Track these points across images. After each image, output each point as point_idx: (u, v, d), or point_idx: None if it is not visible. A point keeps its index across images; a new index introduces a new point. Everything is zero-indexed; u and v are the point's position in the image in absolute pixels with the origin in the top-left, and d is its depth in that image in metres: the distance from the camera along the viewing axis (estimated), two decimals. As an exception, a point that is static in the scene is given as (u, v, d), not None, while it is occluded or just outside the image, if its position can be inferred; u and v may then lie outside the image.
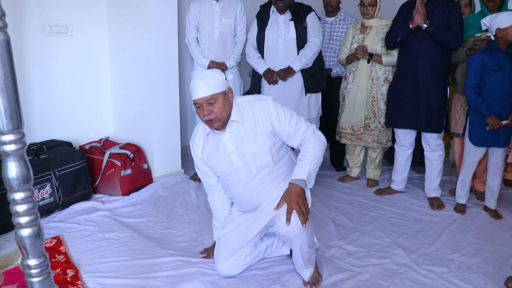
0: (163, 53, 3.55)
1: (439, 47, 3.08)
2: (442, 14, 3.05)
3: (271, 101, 2.17)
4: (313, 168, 2.08)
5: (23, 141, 0.91)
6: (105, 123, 3.95)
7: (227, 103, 2.09)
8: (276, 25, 3.45)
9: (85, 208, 3.15)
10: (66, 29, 3.59)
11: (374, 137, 3.59)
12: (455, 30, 3.04)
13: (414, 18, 3.06)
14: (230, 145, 2.16)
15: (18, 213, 0.93)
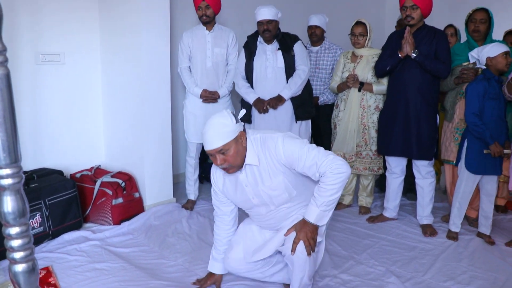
0: (156, 81, 3.57)
1: (428, 76, 3.14)
2: (430, 44, 3.12)
3: (281, 141, 2.07)
4: (324, 208, 2.03)
5: (20, 175, 0.90)
6: (96, 152, 3.94)
7: (240, 148, 2.07)
8: (264, 55, 3.49)
9: (76, 237, 3.10)
10: (59, 58, 3.61)
11: (365, 165, 3.61)
12: (443, 59, 3.10)
13: (403, 47, 3.12)
14: (246, 187, 2.17)
15: (13, 248, 0.92)
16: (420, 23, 3.16)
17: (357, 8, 6.40)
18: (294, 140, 2.10)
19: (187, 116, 3.69)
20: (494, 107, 2.90)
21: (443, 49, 3.12)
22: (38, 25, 3.43)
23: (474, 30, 3.22)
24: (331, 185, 2.01)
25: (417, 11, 3.08)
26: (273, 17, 3.35)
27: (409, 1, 3.06)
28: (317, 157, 2.02)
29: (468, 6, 3.66)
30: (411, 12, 3.08)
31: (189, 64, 3.64)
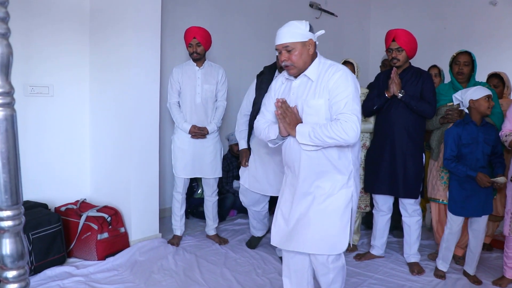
0: (144, 116, 3.58)
1: (414, 115, 3.20)
2: (416, 84, 3.20)
3: (342, 73, 2.15)
4: (312, 135, 2.10)
5: (20, 217, 0.89)
6: (82, 185, 3.89)
7: (305, 53, 2.18)
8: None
9: (59, 273, 3.02)
10: (48, 90, 3.60)
11: (367, 202, 3.65)
12: (429, 99, 3.18)
13: (390, 87, 3.19)
14: (293, 94, 2.27)
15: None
16: (406, 64, 3.25)
17: (342, 48, 6.57)
18: (350, 85, 2.14)
19: (175, 151, 3.69)
20: (470, 152, 2.96)
21: (429, 89, 3.20)
22: (28, 57, 3.43)
23: (458, 72, 3.33)
24: (332, 133, 2.06)
25: (402, 53, 3.17)
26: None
27: (395, 44, 3.16)
28: (347, 105, 2.09)
29: (450, 47, 3.80)
30: (396, 54, 3.18)
31: (178, 100, 3.67)
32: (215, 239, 3.82)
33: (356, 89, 2.16)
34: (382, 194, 3.36)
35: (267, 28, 5.23)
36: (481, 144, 2.94)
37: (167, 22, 4.29)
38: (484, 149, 2.94)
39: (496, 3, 5.81)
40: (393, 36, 3.17)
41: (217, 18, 4.86)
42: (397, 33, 3.16)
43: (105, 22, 3.66)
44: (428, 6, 6.43)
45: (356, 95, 2.14)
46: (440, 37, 6.16)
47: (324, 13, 6.37)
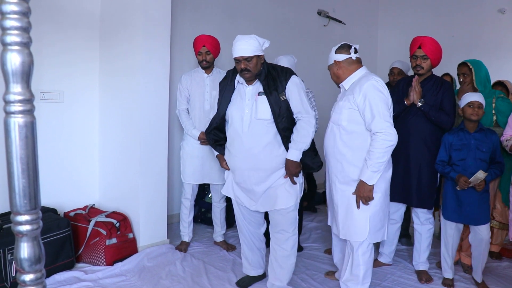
0: (153, 123, 3.61)
1: (431, 125, 3.17)
2: (436, 94, 3.16)
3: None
4: (373, 169, 2.54)
5: (38, 222, 0.91)
6: (91, 191, 3.91)
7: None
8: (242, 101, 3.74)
9: (67, 278, 3.05)
10: (58, 96, 3.64)
11: None
12: (448, 111, 3.13)
13: (410, 95, 3.15)
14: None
15: (27, 295, 0.91)
16: (429, 73, 3.22)
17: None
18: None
19: (184, 157, 3.71)
20: (461, 157, 2.98)
21: (449, 100, 3.15)
22: (39, 63, 3.47)
23: (462, 82, 3.37)
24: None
25: (427, 62, 3.14)
26: (253, 53, 2.57)
27: (420, 51, 3.13)
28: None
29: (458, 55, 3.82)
30: (421, 62, 3.14)
31: (187, 106, 3.69)
32: (223, 246, 3.82)
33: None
34: (395, 201, 3.31)
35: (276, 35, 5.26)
36: (473, 150, 2.95)
37: (176, 28, 4.32)
38: (477, 155, 2.94)
39: (505, 11, 5.81)
40: (419, 43, 3.13)
41: (225, 24, 4.89)
42: (423, 40, 3.13)
43: (115, 28, 3.70)
44: (436, 13, 6.44)
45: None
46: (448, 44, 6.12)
47: (332, 21, 6.39)
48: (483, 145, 2.93)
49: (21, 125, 0.86)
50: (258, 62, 2.59)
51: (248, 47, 2.53)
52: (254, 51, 2.54)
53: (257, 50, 2.55)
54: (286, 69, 2.71)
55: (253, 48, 2.54)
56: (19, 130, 0.86)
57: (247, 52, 2.53)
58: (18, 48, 0.84)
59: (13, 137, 0.86)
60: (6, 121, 0.86)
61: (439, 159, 3.09)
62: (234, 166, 2.81)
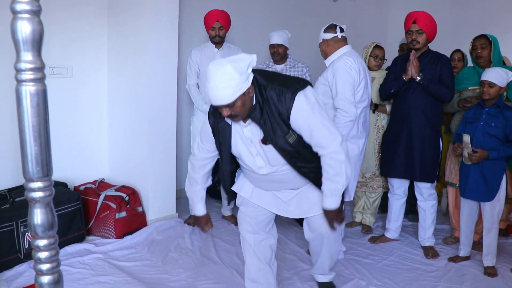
0: (162, 98, 3.61)
1: (431, 99, 3.19)
2: (434, 68, 3.18)
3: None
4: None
5: (51, 188, 0.93)
6: (101, 165, 3.96)
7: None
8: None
9: (79, 250, 3.11)
10: (67, 71, 3.64)
11: (379, 183, 3.68)
12: (447, 83, 3.15)
13: (408, 70, 3.17)
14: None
15: (40, 260, 0.93)
16: (425, 47, 3.22)
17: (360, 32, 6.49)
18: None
19: (194, 133, 3.72)
20: (471, 130, 2.97)
21: (447, 74, 3.18)
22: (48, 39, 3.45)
23: (477, 56, 3.29)
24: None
25: (422, 36, 3.14)
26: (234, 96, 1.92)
27: (415, 26, 3.13)
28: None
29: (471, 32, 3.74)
30: (416, 37, 3.14)
31: (197, 81, 3.69)
32: (231, 220, 3.86)
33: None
34: (398, 177, 3.36)
35: (285, 11, 5.21)
36: (483, 124, 2.94)
37: (184, 3, 4.28)
38: (485, 129, 2.92)
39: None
40: (413, 18, 3.14)
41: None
42: (418, 15, 3.13)
43: (123, 5, 3.67)
44: (449, -12, 6.31)
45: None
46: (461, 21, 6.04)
47: (342, -4, 6.29)
48: (493, 120, 2.91)
49: (33, 93, 0.87)
50: (246, 100, 1.90)
51: (225, 93, 1.83)
52: (234, 93, 1.83)
53: (238, 89, 1.83)
54: (284, 89, 1.97)
55: (232, 91, 1.82)
56: (31, 98, 0.87)
57: (226, 99, 1.83)
58: (28, 16, 0.85)
59: (25, 105, 0.87)
60: (18, 90, 0.87)
61: (456, 133, 3.13)
62: (255, 187, 2.35)
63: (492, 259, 3.03)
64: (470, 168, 2.97)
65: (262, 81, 1.97)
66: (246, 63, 1.86)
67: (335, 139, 1.99)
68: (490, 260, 3.02)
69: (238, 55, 1.92)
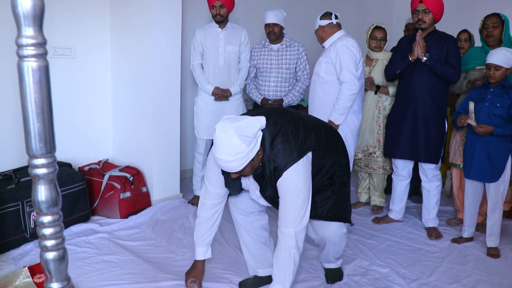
0: (166, 78, 3.60)
1: (437, 79, 3.16)
2: (440, 49, 3.14)
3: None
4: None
5: (54, 165, 0.92)
6: (105, 146, 3.96)
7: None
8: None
9: (84, 230, 3.13)
10: (70, 51, 3.62)
11: (379, 164, 3.67)
12: (454, 63, 3.12)
13: (414, 50, 3.14)
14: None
15: (45, 236, 0.94)
16: (431, 27, 3.18)
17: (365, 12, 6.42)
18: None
19: (198, 113, 3.71)
20: (477, 111, 2.94)
21: (454, 54, 3.14)
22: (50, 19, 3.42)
23: (487, 35, 3.25)
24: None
25: (429, 15, 3.10)
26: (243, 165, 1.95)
27: (422, 5, 3.08)
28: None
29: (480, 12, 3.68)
30: (423, 16, 3.10)
31: (201, 62, 3.66)
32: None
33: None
34: (403, 158, 3.35)
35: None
36: (488, 104, 2.91)
37: (188, -17, 4.24)
38: (491, 109, 2.89)
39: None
40: None
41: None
42: None
43: (126, -17, 3.63)
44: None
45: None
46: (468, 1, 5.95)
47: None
48: (498, 100, 2.88)
49: (35, 69, 0.87)
50: (255, 163, 1.96)
51: (233, 165, 1.87)
52: (242, 164, 1.87)
53: (246, 159, 1.87)
54: (277, 166, 1.97)
55: (240, 163, 1.86)
56: (33, 74, 0.86)
57: (234, 169, 1.90)
58: (29, -10, 0.83)
59: (27, 81, 0.87)
60: (20, 65, 0.86)
61: (456, 111, 3.12)
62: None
63: (496, 240, 3.03)
64: (475, 149, 2.96)
65: (265, 144, 1.97)
66: (254, 130, 1.87)
67: (294, 227, 2.01)
68: (493, 241, 3.03)
69: (246, 120, 1.88)
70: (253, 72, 3.75)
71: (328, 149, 2.19)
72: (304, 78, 3.69)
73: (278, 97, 3.68)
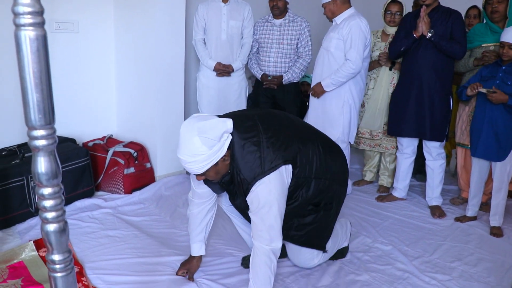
0: (169, 53, 3.56)
1: (442, 56, 3.11)
2: (445, 24, 3.08)
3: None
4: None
5: (54, 136, 0.91)
6: (109, 121, 3.96)
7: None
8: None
9: (88, 205, 3.15)
10: (73, 26, 3.59)
11: (393, 143, 3.63)
12: (459, 39, 3.06)
13: (418, 27, 3.07)
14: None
15: (46, 208, 0.93)
16: (435, 3, 3.12)
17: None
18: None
19: (200, 89, 3.69)
20: (485, 87, 2.91)
21: (459, 30, 3.08)
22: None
23: (492, 11, 3.18)
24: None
25: None
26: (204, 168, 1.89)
27: None
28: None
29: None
30: None
31: (203, 37, 3.63)
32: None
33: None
34: (408, 136, 3.33)
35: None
36: (499, 82, 2.87)
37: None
38: (502, 87, 2.85)
39: None
40: None
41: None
42: None
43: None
44: None
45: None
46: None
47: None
48: (509, 78, 2.84)
49: (32, 38, 0.84)
50: (221, 168, 1.88)
51: (192, 167, 1.81)
52: (202, 166, 1.80)
53: (207, 163, 1.79)
54: (244, 178, 1.89)
55: (200, 165, 1.79)
56: (30, 43, 0.84)
57: (194, 171, 1.84)
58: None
59: (25, 51, 0.85)
60: (17, 35, 0.84)
61: (462, 85, 3.10)
62: None
63: (499, 220, 3.03)
64: (483, 127, 2.93)
65: (234, 151, 1.87)
66: (218, 133, 1.77)
67: (266, 245, 1.89)
68: (497, 221, 3.02)
69: (212, 121, 1.78)
70: (255, 47, 3.71)
71: (321, 168, 2.05)
72: (306, 54, 3.64)
73: (278, 73, 3.64)
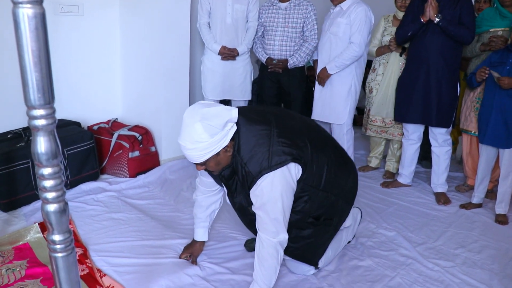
0: (175, 36, 3.53)
1: (450, 41, 3.06)
2: (454, 9, 3.02)
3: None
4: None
5: (53, 116, 0.90)
6: (114, 105, 3.95)
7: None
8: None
9: (93, 188, 3.16)
10: (78, 9, 3.56)
11: (400, 130, 3.61)
12: (467, 24, 3.00)
13: (426, 11, 3.02)
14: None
15: (46, 188, 0.93)
16: None
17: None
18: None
19: (205, 73, 3.67)
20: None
21: (468, 14, 3.01)
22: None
23: None
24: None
25: None
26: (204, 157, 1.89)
27: None
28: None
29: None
30: None
31: (208, 20, 3.59)
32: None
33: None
34: (415, 123, 3.29)
35: None
36: (509, 68, 2.83)
37: None
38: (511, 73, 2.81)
39: None
40: None
41: None
42: None
43: None
44: None
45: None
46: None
47: None
48: None
49: (31, 16, 0.83)
50: (222, 159, 1.83)
51: (192, 154, 1.76)
52: (203, 155, 1.74)
53: (207, 151, 1.73)
54: (249, 171, 1.81)
55: (200, 153, 1.73)
56: (29, 21, 0.83)
57: (194, 160, 1.79)
58: None
59: (23, 29, 0.83)
60: (15, 12, 0.83)
61: (472, 72, 3.06)
62: None
63: (505, 207, 3.01)
64: (491, 114, 2.90)
65: (240, 143, 1.81)
66: (222, 121, 1.71)
67: (271, 237, 1.85)
68: (503, 208, 3.01)
69: (217, 109, 1.73)
70: (260, 30, 3.67)
71: (329, 182, 1.98)
72: (312, 38, 3.59)
73: (283, 56, 3.60)
